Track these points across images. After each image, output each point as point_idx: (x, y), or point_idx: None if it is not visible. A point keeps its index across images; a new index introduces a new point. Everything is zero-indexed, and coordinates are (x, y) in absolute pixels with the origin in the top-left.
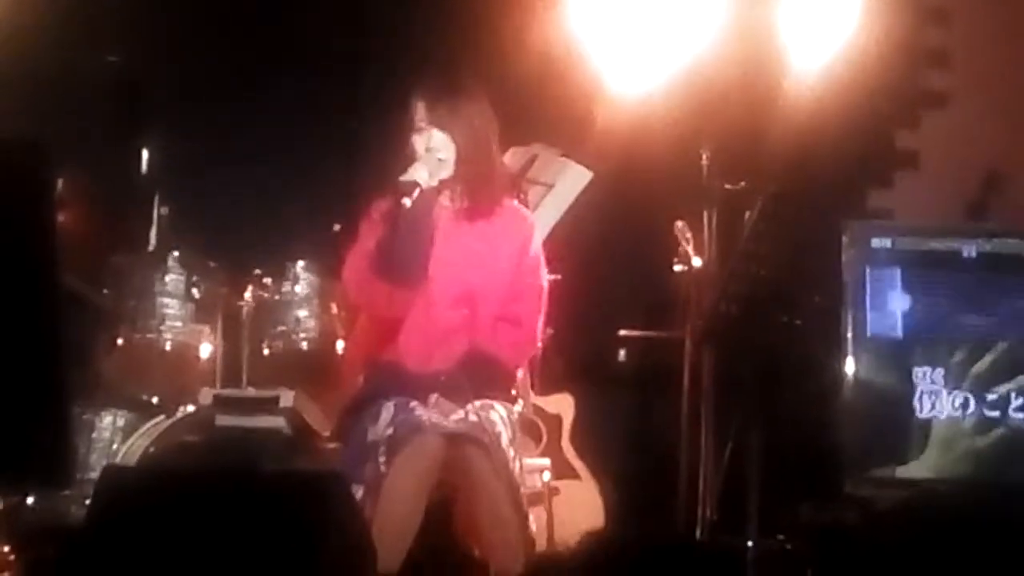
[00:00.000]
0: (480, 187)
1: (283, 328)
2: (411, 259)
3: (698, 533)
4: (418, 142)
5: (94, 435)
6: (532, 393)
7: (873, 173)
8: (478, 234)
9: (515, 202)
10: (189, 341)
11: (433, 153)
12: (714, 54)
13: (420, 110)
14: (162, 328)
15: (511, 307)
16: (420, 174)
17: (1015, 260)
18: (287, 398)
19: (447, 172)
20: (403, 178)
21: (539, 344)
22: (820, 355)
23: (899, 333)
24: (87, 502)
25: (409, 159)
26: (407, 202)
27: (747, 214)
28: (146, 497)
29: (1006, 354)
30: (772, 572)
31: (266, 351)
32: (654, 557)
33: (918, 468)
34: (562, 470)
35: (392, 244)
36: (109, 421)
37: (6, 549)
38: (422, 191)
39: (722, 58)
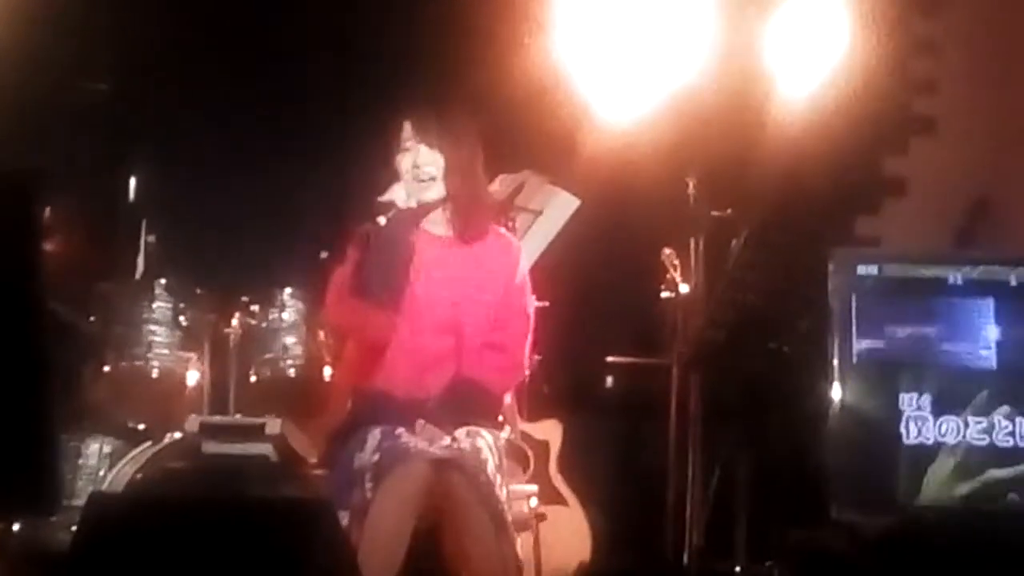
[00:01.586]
0: (467, 210)
1: (270, 355)
2: (386, 279)
3: (686, 559)
4: (403, 161)
5: (80, 462)
6: (519, 419)
7: (860, 200)
8: (464, 260)
9: (501, 229)
10: (176, 368)
11: (419, 170)
12: (701, 82)
13: (407, 129)
14: (149, 355)
15: (498, 334)
16: (397, 194)
17: (1002, 287)
18: (274, 425)
19: (435, 192)
20: (380, 198)
21: (526, 371)
22: (807, 381)
23: (885, 359)
24: (73, 529)
25: (392, 180)
26: (381, 220)
27: (734, 241)
28: (132, 524)
29: (992, 381)
30: None
31: (253, 378)
32: None
33: (905, 494)
34: (549, 496)
35: (367, 264)
36: (96, 448)
37: None
38: (399, 211)
39: (709, 86)
